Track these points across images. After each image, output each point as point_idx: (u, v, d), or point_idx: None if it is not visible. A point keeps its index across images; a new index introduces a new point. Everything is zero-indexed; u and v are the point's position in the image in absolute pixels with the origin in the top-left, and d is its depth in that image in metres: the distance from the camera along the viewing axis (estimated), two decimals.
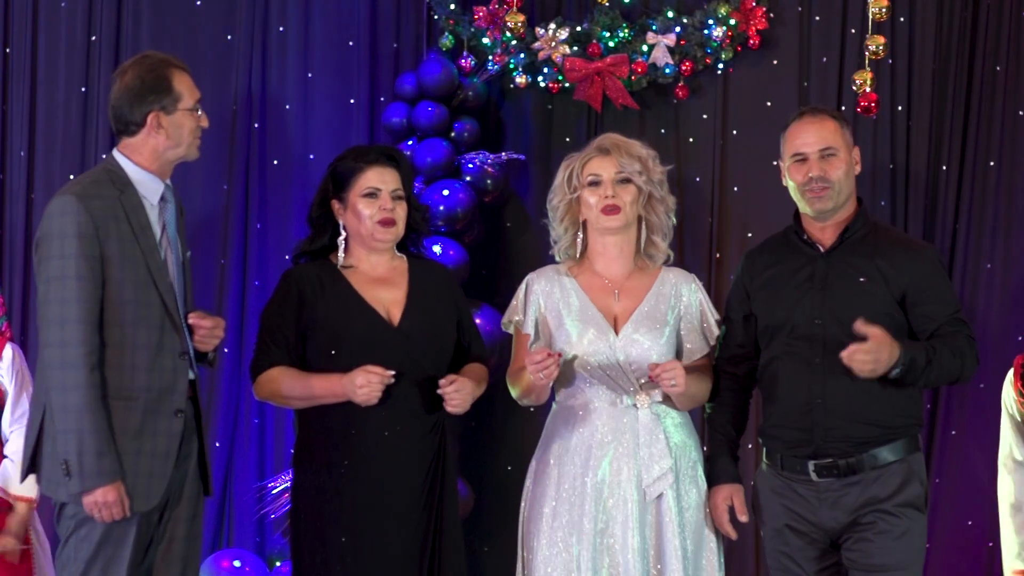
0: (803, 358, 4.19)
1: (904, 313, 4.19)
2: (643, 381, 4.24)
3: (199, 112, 4.11)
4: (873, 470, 4.16)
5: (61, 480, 3.92)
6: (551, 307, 4.31)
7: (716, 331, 4.35)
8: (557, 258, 4.42)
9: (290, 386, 4.22)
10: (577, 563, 4.19)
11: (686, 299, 4.34)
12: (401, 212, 4.34)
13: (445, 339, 4.35)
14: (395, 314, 4.29)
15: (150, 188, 4.07)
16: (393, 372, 4.12)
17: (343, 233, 4.34)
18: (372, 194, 4.31)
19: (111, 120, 4.10)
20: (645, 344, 4.23)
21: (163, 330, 4.00)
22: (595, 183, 4.30)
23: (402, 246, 4.43)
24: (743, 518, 4.25)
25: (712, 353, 4.36)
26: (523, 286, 4.39)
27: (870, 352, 4.02)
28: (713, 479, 4.28)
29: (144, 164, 4.07)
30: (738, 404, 4.37)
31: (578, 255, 4.38)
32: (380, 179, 4.32)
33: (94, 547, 3.96)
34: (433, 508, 4.27)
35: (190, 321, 4.07)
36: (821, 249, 4.26)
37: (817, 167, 4.23)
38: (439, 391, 4.19)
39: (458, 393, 4.20)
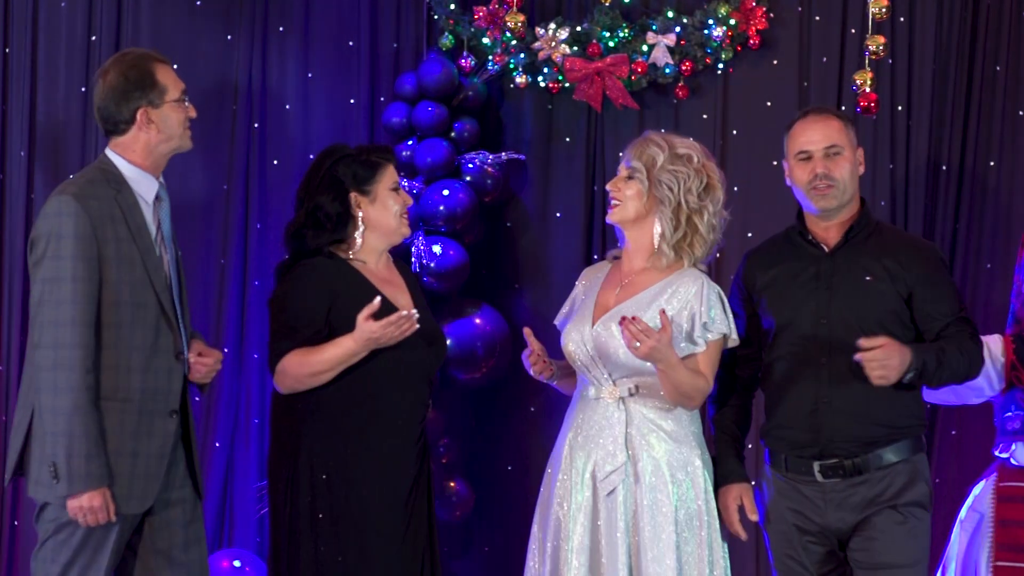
0: (809, 359, 4.19)
1: (910, 311, 4.20)
2: (616, 375, 4.19)
3: (186, 102, 4.09)
4: (879, 470, 4.17)
5: (47, 482, 3.89)
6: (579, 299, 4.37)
7: (710, 335, 4.19)
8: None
9: (319, 358, 4.12)
10: (569, 549, 4.22)
11: (679, 300, 4.21)
12: None
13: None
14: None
15: (145, 186, 4.06)
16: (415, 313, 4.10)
17: (360, 227, 4.30)
18: (396, 189, 4.34)
19: (98, 121, 4.08)
20: (617, 336, 4.16)
21: (159, 331, 3.98)
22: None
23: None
24: (753, 517, 4.25)
25: (707, 359, 4.21)
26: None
27: (877, 359, 4.01)
28: (721, 479, 4.26)
29: (137, 161, 4.06)
30: (741, 405, 4.38)
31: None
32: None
33: (72, 552, 3.94)
34: (423, 506, 4.29)
35: (191, 360, 4.05)
36: (826, 249, 4.26)
37: (822, 165, 4.23)
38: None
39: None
